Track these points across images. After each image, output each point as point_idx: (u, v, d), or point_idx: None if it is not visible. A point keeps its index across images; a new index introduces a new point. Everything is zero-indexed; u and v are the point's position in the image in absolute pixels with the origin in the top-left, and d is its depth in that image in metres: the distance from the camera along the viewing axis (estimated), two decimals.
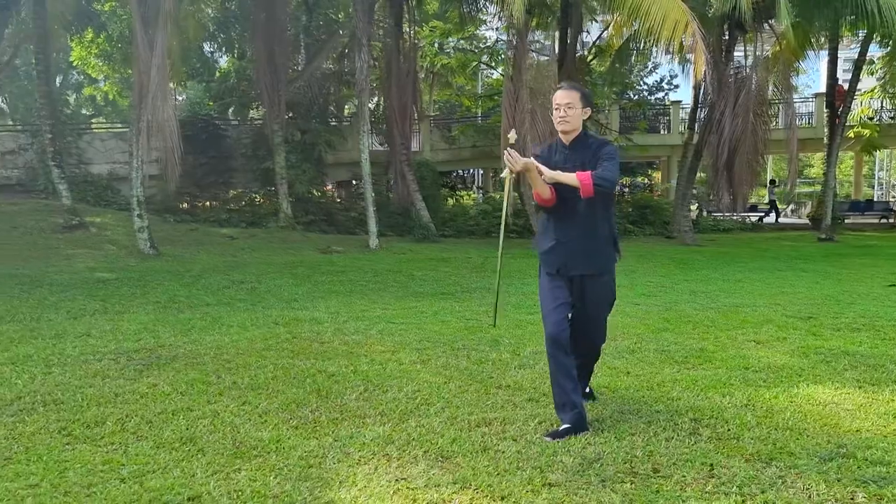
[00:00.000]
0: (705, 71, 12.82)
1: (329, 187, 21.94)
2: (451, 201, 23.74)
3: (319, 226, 17.48)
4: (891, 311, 7.52)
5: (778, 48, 16.13)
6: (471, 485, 3.18)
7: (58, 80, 36.89)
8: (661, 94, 36.04)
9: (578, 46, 18.11)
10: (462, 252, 14.05)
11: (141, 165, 11.94)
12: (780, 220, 28.44)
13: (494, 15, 19.48)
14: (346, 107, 24.23)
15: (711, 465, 3.38)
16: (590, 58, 21.43)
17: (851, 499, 3.04)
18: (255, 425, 3.97)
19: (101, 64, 32.81)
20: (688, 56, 14.11)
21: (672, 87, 36.74)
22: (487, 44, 26.98)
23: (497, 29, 22.48)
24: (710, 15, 13.44)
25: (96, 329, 6.60)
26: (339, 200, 20.99)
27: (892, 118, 26.02)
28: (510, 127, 13.47)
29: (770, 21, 15.88)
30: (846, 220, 24.14)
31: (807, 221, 24.71)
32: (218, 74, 23.77)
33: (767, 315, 7.32)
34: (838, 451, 3.54)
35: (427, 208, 17.51)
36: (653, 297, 8.73)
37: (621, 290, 9.13)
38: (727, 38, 15.72)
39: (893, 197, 38.28)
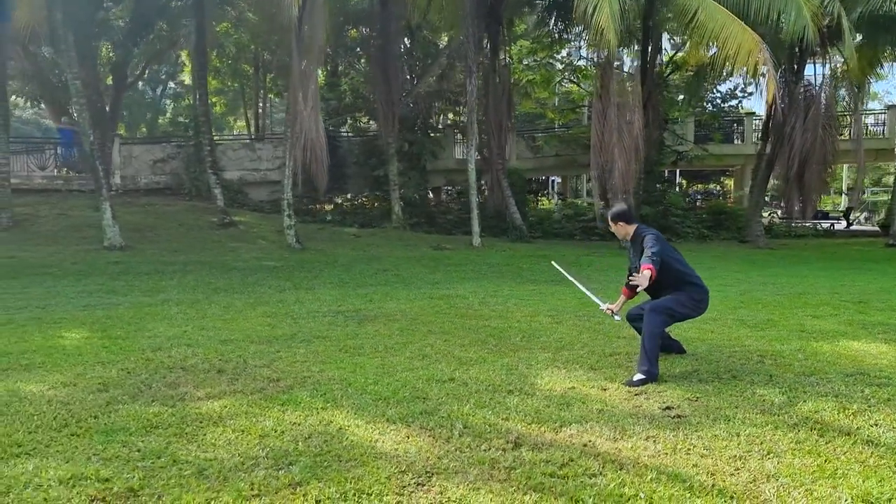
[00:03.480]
0: (776, 91, 14.30)
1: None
2: (534, 206, 25.66)
3: (423, 227, 19.68)
4: None
5: (846, 68, 17.48)
6: (616, 382, 5.15)
7: (157, 90, 40.75)
8: (734, 102, 36.93)
9: (656, 63, 19.78)
10: (555, 251, 16.00)
11: (291, 174, 14.29)
12: (854, 227, 29.27)
13: (578, 36, 21.31)
14: (439, 117, 26.39)
15: (771, 375, 5.27)
16: (667, 73, 23.03)
17: (862, 391, 4.88)
18: (462, 350, 6.04)
19: (210, 78, 36.24)
20: (760, 79, 15.65)
21: (745, 94, 37.49)
22: (561, 58, 28.80)
23: (579, 48, 24.30)
24: (781, 38, 14.96)
25: (303, 299, 8.85)
26: (433, 204, 23.19)
27: None
28: (599, 141, 15.41)
29: (837, 43, 17.25)
30: None
31: (877, 229, 25.60)
32: (326, 89, 26.34)
33: (825, 299, 9.03)
34: (858, 372, 5.38)
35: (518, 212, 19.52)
36: (730, 286, 10.50)
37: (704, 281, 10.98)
38: (798, 57, 17.16)
39: None
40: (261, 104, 35.33)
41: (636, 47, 20.38)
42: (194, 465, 3.47)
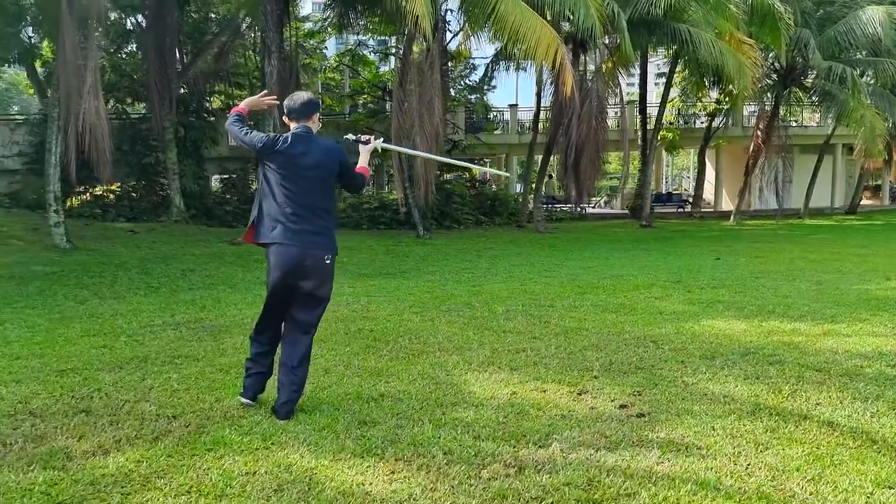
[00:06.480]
0: (573, 84, 15.12)
1: None
2: None
3: (202, 220, 17.99)
4: (729, 275, 10.20)
5: (610, 64, 19.17)
6: (549, 382, 4.90)
7: None
8: (475, 96, 37.52)
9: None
10: (357, 242, 15.53)
11: (58, 162, 12.06)
12: (597, 210, 32.56)
13: (359, 24, 20.82)
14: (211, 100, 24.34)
15: (682, 361, 5.37)
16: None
17: (769, 371, 5.14)
18: (360, 360, 5.39)
19: None
20: (549, 72, 16.54)
21: (490, 87, 38.67)
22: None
23: (358, 34, 23.77)
24: (566, 32, 15.95)
25: (120, 310, 7.43)
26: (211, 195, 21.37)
27: (685, 124, 30.86)
28: (399, 127, 15.21)
29: (605, 40, 18.81)
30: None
31: (621, 211, 28.78)
32: None
33: (648, 281, 9.66)
34: (747, 351, 5.69)
35: None
36: (554, 271, 10.85)
37: (523, 268, 11.26)
38: (571, 54, 18.42)
39: (685, 189, 44.57)
40: None
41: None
42: None
